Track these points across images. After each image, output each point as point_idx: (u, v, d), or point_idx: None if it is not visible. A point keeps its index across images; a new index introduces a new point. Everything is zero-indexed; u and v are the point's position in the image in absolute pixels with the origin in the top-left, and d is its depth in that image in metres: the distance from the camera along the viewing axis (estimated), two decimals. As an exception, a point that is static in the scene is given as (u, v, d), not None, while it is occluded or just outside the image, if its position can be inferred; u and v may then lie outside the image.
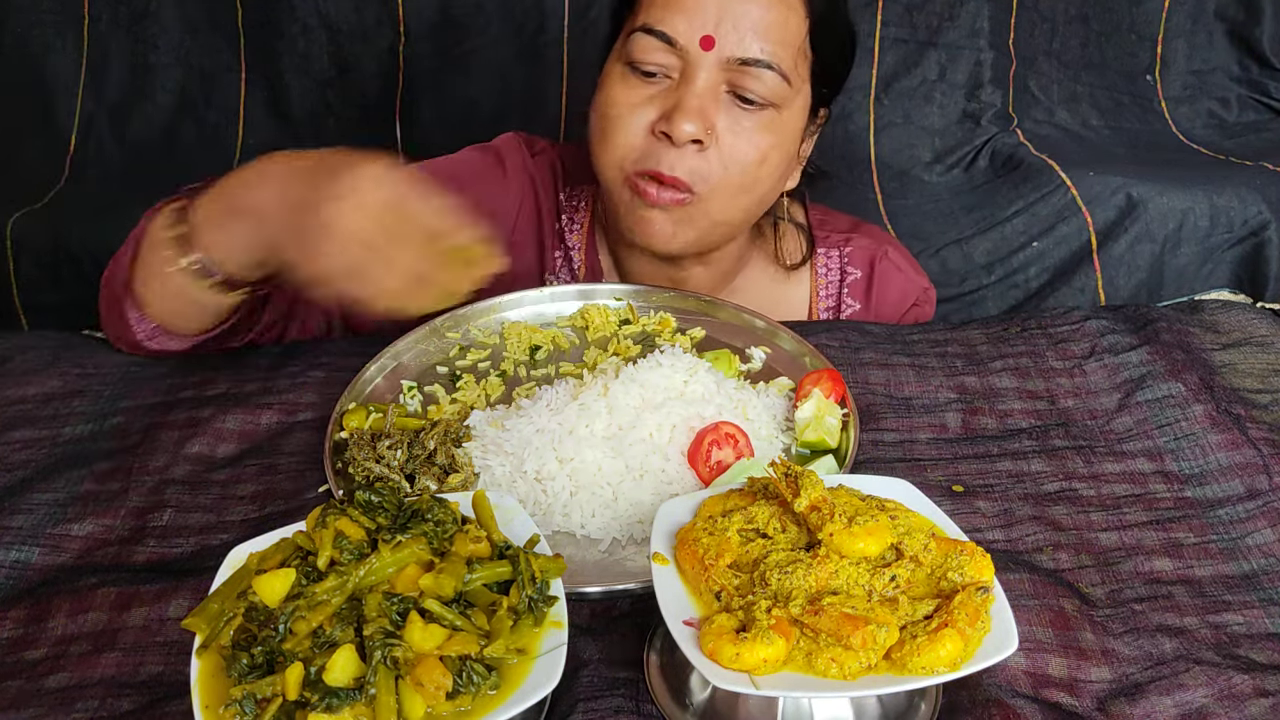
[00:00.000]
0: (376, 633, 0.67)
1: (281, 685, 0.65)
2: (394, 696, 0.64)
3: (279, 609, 0.68)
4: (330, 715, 0.64)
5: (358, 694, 0.65)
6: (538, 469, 0.95)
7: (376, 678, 0.65)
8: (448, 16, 1.96)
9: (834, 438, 1.00)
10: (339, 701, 0.64)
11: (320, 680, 0.65)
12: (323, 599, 0.69)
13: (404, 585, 0.70)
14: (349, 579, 0.70)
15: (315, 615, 0.68)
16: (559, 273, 1.35)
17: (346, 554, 0.71)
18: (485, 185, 1.28)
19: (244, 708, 0.64)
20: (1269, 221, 1.73)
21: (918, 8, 1.92)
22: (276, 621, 0.68)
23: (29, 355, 1.16)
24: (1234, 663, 0.80)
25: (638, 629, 0.82)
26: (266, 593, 0.69)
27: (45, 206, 1.88)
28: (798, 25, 1.12)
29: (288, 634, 0.68)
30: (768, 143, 1.14)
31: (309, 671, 0.65)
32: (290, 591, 0.69)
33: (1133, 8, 1.99)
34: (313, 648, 0.67)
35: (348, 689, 0.65)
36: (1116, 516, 0.95)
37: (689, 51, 1.10)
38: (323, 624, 0.68)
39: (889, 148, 1.95)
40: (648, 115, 1.12)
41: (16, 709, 0.76)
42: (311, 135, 2.02)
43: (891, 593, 0.71)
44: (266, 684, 0.65)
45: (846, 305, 1.39)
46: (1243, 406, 1.07)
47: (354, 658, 0.66)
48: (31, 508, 0.94)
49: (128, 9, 1.97)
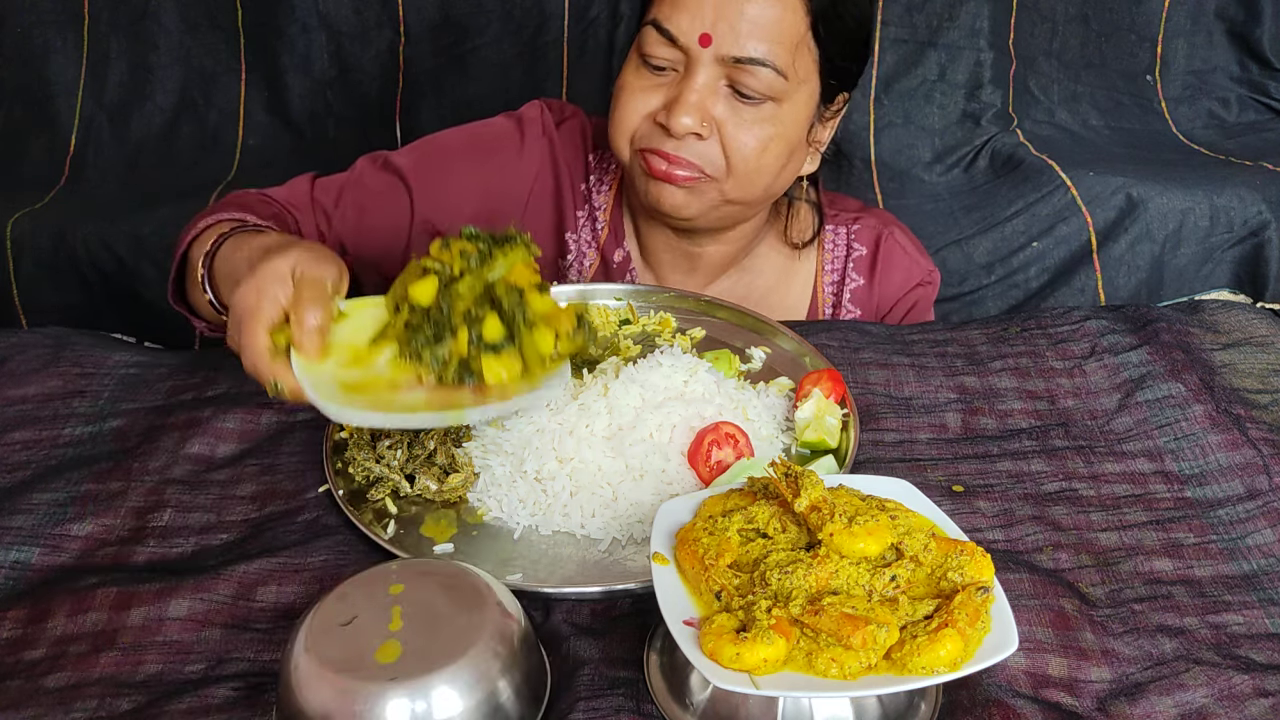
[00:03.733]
0: (513, 305, 0.93)
1: (456, 347, 0.91)
2: (532, 336, 0.93)
3: (437, 300, 0.91)
4: (495, 355, 0.92)
5: (509, 342, 0.92)
6: (538, 469, 0.95)
7: (519, 330, 0.93)
8: (448, 16, 1.96)
9: (834, 438, 1.00)
10: (498, 348, 0.92)
11: (480, 339, 0.91)
12: (465, 291, 0.92)
13: (516, 276, 0.94)
14: (481, 272, 0.93)
15: (467, 296, 0.92)
16: (580, 231, 1.38)
17: (471, 260, 0.93)
18: (501, 155, 1.35)
19: (433, 364, 0.91)
20: (1269, 221, 1.73)
21: (918, 8, 1.92)
22: (435, 308, 0.91)
23: (29, 355, 1.16)
24: (1234, 663, 0.80)
25: (638, 629, 0.82)
26: (421, 295, 0.91)
27: (45, 206, 1.88)
28: (795, 22, 1.14)
29: (451, 313, 0.91)
30: (768, 133, 1.17)
31: (471, 335, 0.91)
32: (437, 291, 0.92)
33: (1133, 8, 1.99)
34: (466, 322, 0.91)
35: (499, 342, 0.92)
36: (1116, 516, 0.95)
37: (689, 48, 1.14)
38: (470, 306, 0.92)
39: (889, 148, 1.95)
40: (652, 103, 1.18)
41: (16, 709, 0.76)
42: (311, 135, 2.03)
43: (891, 593, 0.71)
44: (445, 348, 0.91)
45: (851, 280, 1.40)
46: (1243, 406, 1.07)
47: (498, 322, 0.92)
48: (31, 508, 0.94)
49: (128, 9, 1.98)
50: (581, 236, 1.38)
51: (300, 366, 0.89)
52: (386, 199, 1.32)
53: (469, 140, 1.36)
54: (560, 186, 1.37)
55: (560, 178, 1.37)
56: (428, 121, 1.97)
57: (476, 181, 1.33)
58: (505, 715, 0.72)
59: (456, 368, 0.91)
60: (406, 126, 2.00)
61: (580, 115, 1.41)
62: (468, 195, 1.32)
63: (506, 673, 0.73)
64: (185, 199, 1.83)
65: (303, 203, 1.30)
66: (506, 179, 1.35)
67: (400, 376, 0.92)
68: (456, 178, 1.33)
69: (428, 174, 1.32)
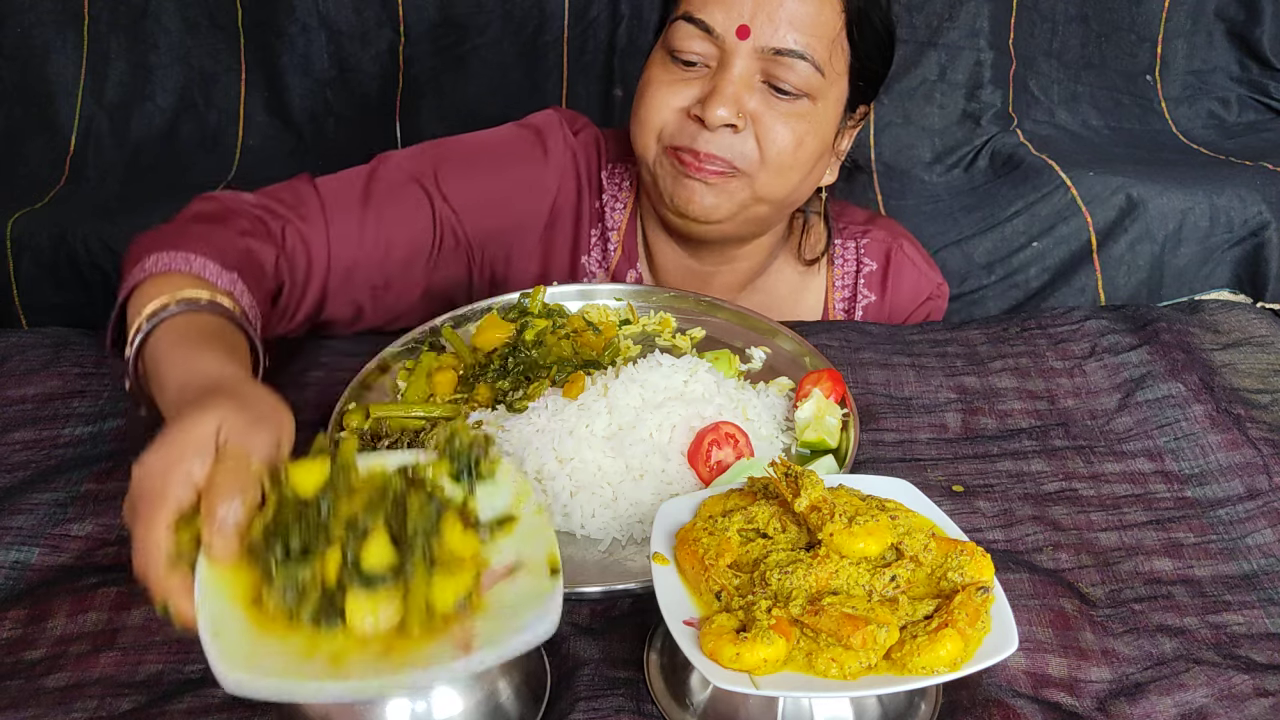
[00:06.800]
0: (418, 528, 0.69)
1: (321, 570, 0.67)
2: (427, 585, 0.67)
3: (316, 496, 0.69)
4: (367, 590, 0.66)
5: (393, 579, 0.67)
6: (538, 469, 0.95)
7: (414, 567, 0.68)
8: (448, 16, 1.96)
9: (834, 438, 1.00)
10: (376, 584, 0.66)
11: (357, 565, 0.67)
12: (359, 487, 0.71)
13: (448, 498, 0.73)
14: (416, 470, 0.73)
15: (353, 501, 0.70)
16: (592, 251, 1.34)
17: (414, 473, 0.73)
18: (525, 166, 1.27)
19: (286, 591, 0.66)
20: (1269, 221, 1.73)
21: (918, 8, 1.92)
22: (312, 509, 0.69)
23: (29, 355, 1.16)
24: (1234, 663, 0.80)
25: (638, 629, 0.82)
26: (302, 481, 0.70)
27: (45, 206, 1.88)
28: (832, 18, 1.14)
29: (329, 519, 0.69)
30: (803, 129, 1.15)
31: (345, 557, 0.67)
32: (324, 481, 0.70)
33: (1133, 8, 1.99)
34: (347, 536, 0.68)
35: (379, 574, 0.67)
36: (1116, 516, 0.95)
37: (725, 40, 1.13)
38: (357, 513, 0.69)
39: (889, 148, 1.95)
40: (684, 98, 1.16)
41: (16, 709, 0.76)
42: (312, 135, 2.03)
43: (891, 593, 0.71)
44: (307, 568, 0.67)
45: (862, 296, 1.40)
46: (1243, 406, 1.07)
47: (387, 544, 0.68)
48: (31, 508, 0.94)
49: (128, 9, 1.97)
50: (592, 256, 1.35)
51: (206, 583, 0.67)
52: (405, 207, 1.20)
53: (489, 148, 1.27)
54: (580, 203, 1.32)
55: (581, 193, 1.32)
56: (428, 121, 1.97)
57: (500, 195, 1.26)
58: (505, 715, 0.72)
59: (316, 603, 0.67)
60: (406, 126, 2.00)
61: (593, 127, 1.36)
62: (491, 208, 1.25)
63: (506, 673, 0.73)
64: (185, 199, 1.82)
65: (311, 213, 1.14)
66: (530, 195, 1.28)
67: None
68: (479, 187, 1.24)
69: (449, 181, 1.22)
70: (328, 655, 0.64)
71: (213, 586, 0.67)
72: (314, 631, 0.66)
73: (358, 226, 1.17)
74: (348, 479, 0.71)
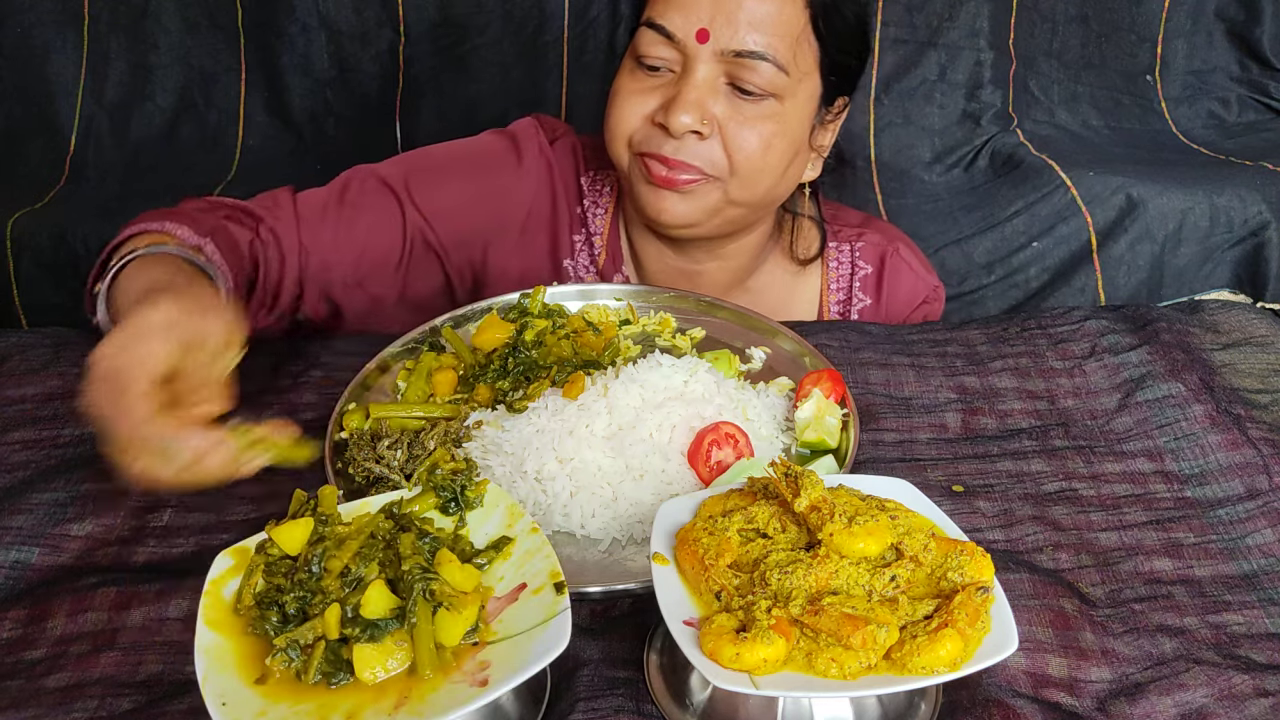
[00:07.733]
0: (414, 569, 0.69)
1: (322, 628, 0.67)
2: (432, 624, 0.67)
3: (305, 554, 0.70)
4: (373, 643, 0.66)
5: (397, 623, 0.67)
6: (538, 469, 0.95)
7: (416, 609, 0.67)
8: (448, 16, 1.96)
9: (834, 438, 1.00)
10: (380, 632, 0.67)
11: (358, 616, 0.67)
12: (347, 536, 0.71)
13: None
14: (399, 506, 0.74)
15: (343, 553, 0.70)
16: (577, 257, 1.35)
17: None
18: (497, 172, 1.30)
19: (290, 655, 0.66)
20: (1269, 221, 1.73)
21: (918, 8, 1.92)
22: (303, 568, 0.69)
23: (29, 355, 1.16)
24: (1234, 663, 0.80)
25: (638, 629, 0.82)
26: (287, 542, 0.71)
27: (45, 206, 1.88)
28: (795, 15, 1.14)
29: (322, 574, 0.69)
30: (770, 130, 1.15)
31: (344, 610, 0.68)
32: (310, 537, 0.71)
33: (1133, 8, 1.99)
34: (343, 588, 0.69)
35: (383, 622, 0.67)
36: (1116, 516, 0.95)
37: (686, 45, 1.13)
38: (349, 563, 0.70)
39: (889, 148, 1.95)
40: (649, 104, 1.16)
41: (16, 709, 0.76)
42: (312, 135, 2.03)
43: (891, 593, 0.71)
44: (307, 629, 0.67)
45: (857, 299, 1.39)
46: (1243, 406, 1.07)
47: (386, 592, 0.69)
48: (31, 508, 0.94)
49: (128, 9, 1.98)
50: (579, 261, 1.35)
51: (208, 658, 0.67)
52: (376, 213, 1.26)
53: (461, 156, 1.31)
54: (557, 209, 1.33)
55: (557, 200, 1.33)
56: (427, 121, 1.97)
57: (471, 200, 1.28)
58: (505, 715, 0.72)
59: (323, 658, 0.66)
60: (406, 126, 2.00)
61: (571, 134, 1.37)
62: (462, 213, 1.28)
63: (506, 673, 0.73)
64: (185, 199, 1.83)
65: (285, 215, 1.21)
66: (503, 200, 1.30)
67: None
68: (450, 193, 1.28)
69: (420, 188, 1.26)
70: (344, 715, 0.63)
71: (216, 660, 0.67)
72: (325, 691, 0.65)
73: (331, 228, 1.23)
74: (334, 530, 0.72)
